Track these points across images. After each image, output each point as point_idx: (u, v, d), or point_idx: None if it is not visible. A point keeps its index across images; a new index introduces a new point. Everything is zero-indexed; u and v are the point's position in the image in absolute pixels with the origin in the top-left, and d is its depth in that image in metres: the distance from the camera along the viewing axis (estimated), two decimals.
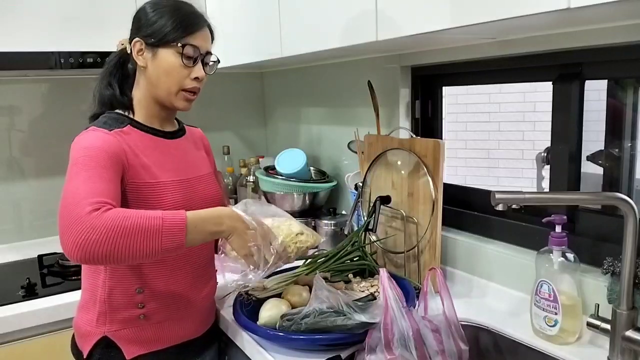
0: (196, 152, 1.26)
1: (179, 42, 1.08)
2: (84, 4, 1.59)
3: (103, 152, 1.00)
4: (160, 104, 1.15)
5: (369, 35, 1.13)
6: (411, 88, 1.57)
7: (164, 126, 1.19)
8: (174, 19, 1.09)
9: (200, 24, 1.12)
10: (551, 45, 1.14)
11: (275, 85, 2.30)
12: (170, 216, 0.94)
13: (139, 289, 1.10)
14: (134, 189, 1.06)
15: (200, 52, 1.12)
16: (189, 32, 1.09)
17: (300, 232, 1.17)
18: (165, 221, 0.93)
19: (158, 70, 1.11)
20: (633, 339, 0.93)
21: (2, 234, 1.89)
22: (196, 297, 1.19)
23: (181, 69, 1.10)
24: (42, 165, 1.90)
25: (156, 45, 1.09)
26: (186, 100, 1.14)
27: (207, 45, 1.15)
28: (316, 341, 1.04)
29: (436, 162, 1.29)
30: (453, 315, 1.06)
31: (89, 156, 0.98)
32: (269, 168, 1.90)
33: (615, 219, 1.11)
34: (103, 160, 0.99)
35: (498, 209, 0.95)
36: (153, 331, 1.13)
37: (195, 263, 1.18)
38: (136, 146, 1.09)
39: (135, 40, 1.11)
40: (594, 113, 1.33)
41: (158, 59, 1.10)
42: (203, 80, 1.14)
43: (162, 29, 1.08)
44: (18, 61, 1.55)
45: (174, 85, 1.11)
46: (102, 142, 1.02)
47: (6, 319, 1.33)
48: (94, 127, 1.07)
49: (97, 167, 0.97)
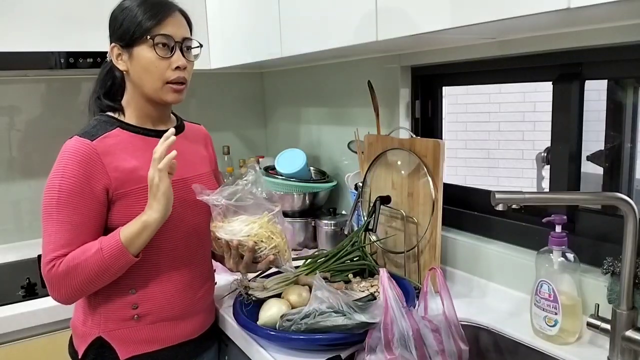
0: (195, 150, 1.24)
1: (147, 35, 1.06)
2: (83, 4, 1.59)
3: (78, 180, 1.02)
4: (152, 102, 1.13)
5: (369, 35, 1.13)
6: (411, 88, 1.57)
7: (157, 125, 1.17)
8: (139, 13, 1.06)
9: (167, 10, 1.08)
10: (551, 45, 1.14)
11: (275, 85, 2.30)
12: (107, 244, 1.02)
13: (132, 290, 1.10)
14: (123, 197, 1.06)
15: (175, 40, 1.08)
16: (156, 21, 1.06)
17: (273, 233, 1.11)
18: (104, 251, 1.01)
19: (138, 70, 1.09)
20: (633, 339, 0.93)
21: (2, 234, 1.89)
22: (192, 298, 1.17)
23: (159, 61, 1.07)
24: (42, 165, 1.90)
25: (130, 45, 1.07)
26: (174, 91, 1.11)
27: (182, 31, 1.11)
28: (316, 341, 1.04)
29: (436, 162, 1.29)
30: (453, 315, 1.06)
31: (64, 190, 1.02)
32: (269, 168, 1.90)
33: (615, 219, 1.11)
34: (76, 196, 1.02)
35: (498, 209, 0.95)
36: (147, 332, 1.12)
37: (190, 264, 1.17)
38: (124, 149, 1.08)
39: (112, 46, 1.10)
40: (594, 113, 1.33)
41: (135, 58, 1.08)
42: (187, 68, 1.11)
43: (129, 27, 1.06)
44: (18, 61, 1.55)
45: (157, 80, 1.09)
46: (78, 166, 1.02)
47: (6, 319, 1.33)
48: (77, 136, 1.06)
49: (69, 207, 1.02)
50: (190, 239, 1.16)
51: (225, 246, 1.10)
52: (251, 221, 1.10)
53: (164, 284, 1.13)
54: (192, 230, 1.16)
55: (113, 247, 1.01)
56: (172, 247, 1.13)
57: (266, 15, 1.51)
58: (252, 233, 1.09)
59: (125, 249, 1.01)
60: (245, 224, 1.09)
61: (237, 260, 1.11)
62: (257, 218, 1.10)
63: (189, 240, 1.16)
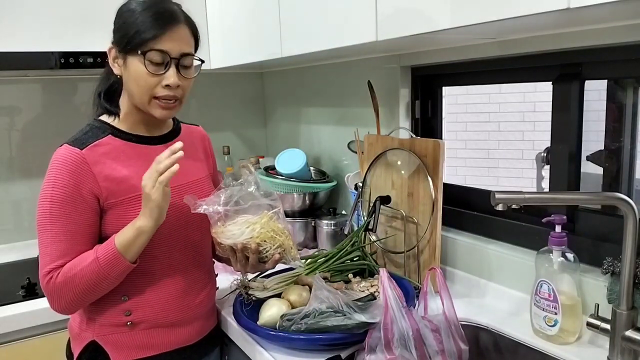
0: (190, 155, 1.18)
1: (139, 49, 0.99)
2: (83, 4, 1.59)
3: (69, 190, 1.01)
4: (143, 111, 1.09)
5: (369, 35, 1.13)
6: (411, 88, 1.57)
7: (152, 131, 1.14)
8: (140, 20, 1.00)
9: (168, 24, 1.01)
10: (551, 45, 1.14)
11: (275, 85, 2.30)
12: (103, 252, 1.01)
13: (124, 297, 1.08)
14: (114, 206, 1.05)
15: (170, 56, 1.01)
16: (152, 35, 0.99)
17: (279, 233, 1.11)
18: (100, 260, 1.00)
19: (129, 79, 1.04)
20: (633, 339, 0.93)
21: (2, 234, 1.89)
22: (190, 305, 1.15)
23: (148, 77, 1.01)
24: (42, 165, 1.88)
25: (124, 52, 1.03)
26: (162, 108, 1.05)
27: (181, 46, 1.03)
28: (316, 341, 1.04)
29: (436, 162, 1.29)
30: (453, 315, 1.06)
31: (56, 201, 1.01)
32: (269, 168, 1.90)
33: (615, 219, 1.11)
34: (68, 205, 1.01)
35: (498, 209, 0.95)
36: (142, 338, 1.10)
37: (186, 271, 1.14)
38: (116, 158, 1.06)
39: (109, 47, 1.06)
40: (594, 113, 1.33)
41: (128, 66, 1.03)
42: (182, 85, 1.05)
43: (127, 34, 1.01)
44: (18, 61, 1.54)
45: (144, 94, 1.03)
46: (67, 176, 1.01)
47: (6, 319, 1.33)
48: (67, 144, 1.04)
49: (62, 217, 1.01)
50: (186, 245, 1.14)
51: (230, 250, 1.09)
52: (251, 222, 1.08)
53: (158, 291, 1.11)
54: (187, 237, 1.14)
55: (109, 255, 1.00)
56: (166, 254, 1.11)
57: (266, 15, 1.51)
58: (254, 235, 1.07)
59: (121, 256, 1.00)
60: (246, 226, 1.08)
61: (243, 263, 1.10)
62: (257, 218, 1.09)
63: (184, 247, 1.13)
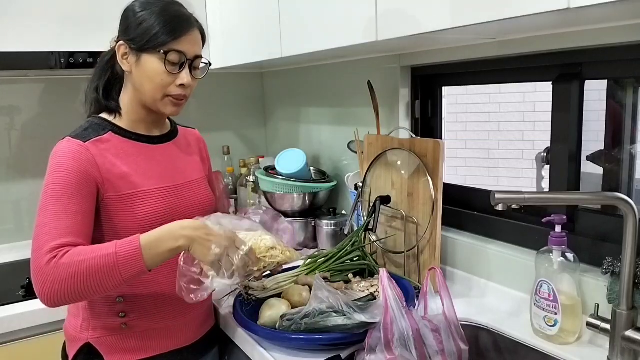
0: (187, 157, 1.21)
1: (161, 48, 1.04)
2: (83, 4, 1.59)
3: (72, 174, 0.99)
4: (148, 109, 1.11)
5: (369, 35, 1.13)
6: (411, 88, 1.57)
7: (151, 130, 1.16)
8: (158, 22, 1.04)
9: (186, 27, 1.06)
10: (551, 45, 1.14)
11: (275, 85, 2.30)
12: (124, 248, 0.94)
13: (119, 298, 1.08)
14: (112, 201, 1.04)
15: (187, 57, 1.07)
16: (173, 37, 1.04)
17: (273, 247, 1.12)
18: (119, 255, 0.93)
19: (142, 76, 1.07)
20: (633, 339, 0.93)
21: (2, 234, 1.89)
22: (185, 307, 1.13)
23: (165, 75, 1.06)
24: (41, 165, 1.87)
25: (140, 50, 1.05)
26: (173, 105, 1.10)
27: (195, 49, 1.09)
28: (316, 341, 1.04)
29: (436, 162, 1.29)
30: (453, 315, 1.06)
31: (58, 182, 0.99)
32: (269, 168, 1.90)
33: (615, 219, 1.11)
34: (71, 187, 0.98)
35: (498, 209, 0.95)
36: (136, 340, 1.10)
37: None
38: (116, 154, 1.07)
39: (119, 44, 1.07)
40: (594, 113, 1.33)
41: (142, 64, 1.06)
42: (191, 85, 1.10)
43: (145, 34, 1.04)
44: (18, 61, 1.55)
45: (158, 92, 1.07)
46: (72, 161, 1.01)
47: (6, 319, 1.33)
48: (69, 137, 1.05)
49: (64, 196, 0.97)
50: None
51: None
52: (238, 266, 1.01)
53: (154, 293, 1.10)
54: None
55: (130, 249, 0.94)
56: None
57: (266, 15, 1.51)
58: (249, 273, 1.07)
59: (140, 255, 0.94)
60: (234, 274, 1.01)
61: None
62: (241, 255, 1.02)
63: None
